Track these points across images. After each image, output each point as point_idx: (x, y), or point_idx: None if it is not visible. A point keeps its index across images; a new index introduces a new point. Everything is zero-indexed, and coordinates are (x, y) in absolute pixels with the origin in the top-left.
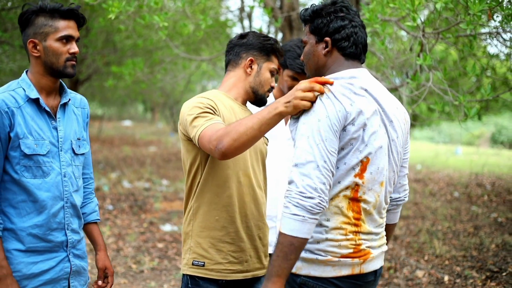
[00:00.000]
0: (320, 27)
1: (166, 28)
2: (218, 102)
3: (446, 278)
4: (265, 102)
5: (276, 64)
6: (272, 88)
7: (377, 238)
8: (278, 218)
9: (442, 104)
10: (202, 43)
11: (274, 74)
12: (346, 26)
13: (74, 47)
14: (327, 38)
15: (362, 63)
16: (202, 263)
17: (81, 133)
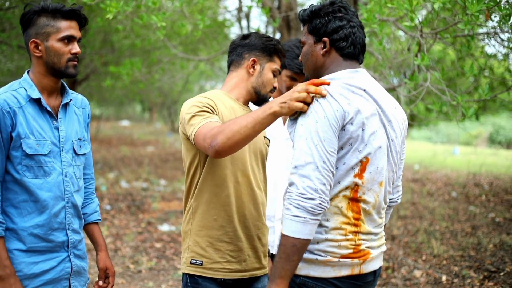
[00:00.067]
0: (318, 27)
1: (164, 28)
2: (218, 101)
3: (444, 278)
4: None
5: (278, 64)
6: (274, 88)
7: (376, 238)
8: (276, 218)
9: (440, 104)
10: (200, 43)
11: (276, 74)
12: (344, 27)
13: (75, 47)
14: (325, 38)
15: (360, 64)
16: (200, 262)
17: (82, 133)
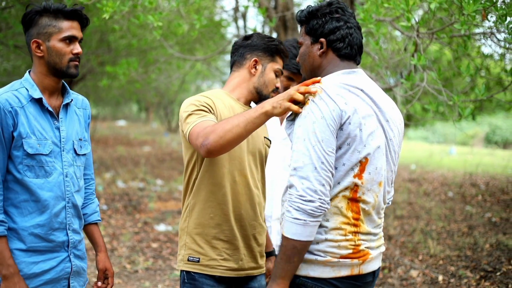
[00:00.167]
0: (315, 28)
1: (161, 28)
2: (218, 101)
3: (440, 277)
4: None
5: (280, 64)
6: (276, 88)
7: (375, 239)
8: (273, 218)
9: (436, 104)
10: (197, 43)
11: (278, 74)
12: (341, 27)
13: (77, 48)
14: (322, 39)
15: (357, 64)
16: (198, 259)
17: (82, 133)
